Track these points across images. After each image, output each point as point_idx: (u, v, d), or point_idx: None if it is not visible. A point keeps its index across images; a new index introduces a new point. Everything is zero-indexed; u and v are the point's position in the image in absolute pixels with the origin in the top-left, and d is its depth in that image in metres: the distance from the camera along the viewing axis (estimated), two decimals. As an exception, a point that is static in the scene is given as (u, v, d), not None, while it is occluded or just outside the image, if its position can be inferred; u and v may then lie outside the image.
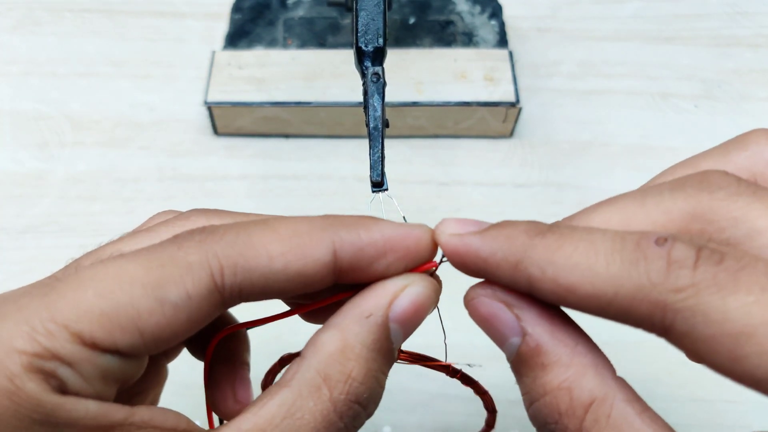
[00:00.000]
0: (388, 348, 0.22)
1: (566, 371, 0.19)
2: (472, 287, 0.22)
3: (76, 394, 0.19)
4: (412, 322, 0.22)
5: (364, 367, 0.21)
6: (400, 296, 0.22)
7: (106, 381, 0.19)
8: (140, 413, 0.20)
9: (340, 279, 0.22)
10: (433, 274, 0.23)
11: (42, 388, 0.18)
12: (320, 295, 0.23)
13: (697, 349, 0.17)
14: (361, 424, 0.22)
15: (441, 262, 0.23)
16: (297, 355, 0.25)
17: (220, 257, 0.20)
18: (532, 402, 0.20)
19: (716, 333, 0.17)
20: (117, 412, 0.19)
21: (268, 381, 0.28)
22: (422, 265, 0.22)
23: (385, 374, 0.22)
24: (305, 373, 0.21)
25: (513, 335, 0.20)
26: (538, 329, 0.20)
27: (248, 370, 0.28)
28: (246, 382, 0.27)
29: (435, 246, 0.22)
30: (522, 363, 0.20)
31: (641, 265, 0.18)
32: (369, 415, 0.22)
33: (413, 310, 0.22)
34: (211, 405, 0.26)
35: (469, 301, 0.22)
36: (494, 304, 0.21)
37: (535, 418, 0.20)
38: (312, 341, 0.22)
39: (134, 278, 0.19)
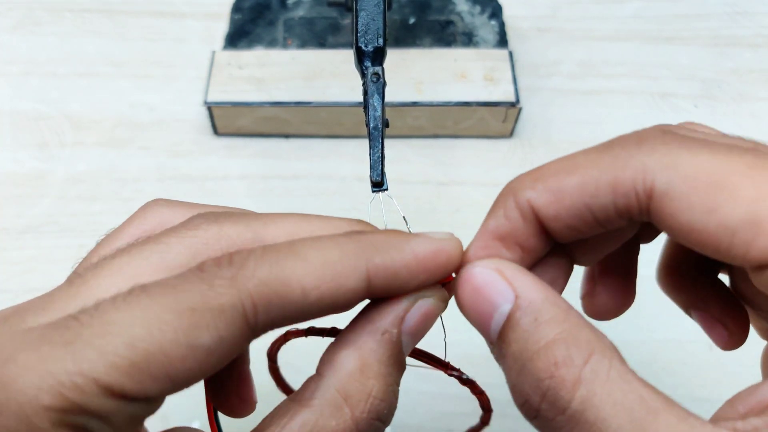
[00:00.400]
0: (402, 360, 0.22)
1: (561, 325, 0.19)
2: (469, 264, 0.22)
3: None
4: (422, 332, 0.22)
5: (384, 383, 0.21)
6: (411, 310, 0.22)
7: (134, 423, 0.19)
8: None
9: (371, 297, 0.22)
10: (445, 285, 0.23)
11: None
12: None
13: (676, 209, 0.19)
14: None
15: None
16: (302, 333, 0.24)
17: (253, 296, 0.19)
18: (523, 365, 0.19)
19: (691, 186, 0.19)
20: None
21: (273, 352, 0.28)
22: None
23: (399, 384, 0.22)
24: (325, 393, 0.21)
25: (505, 302, 0.20)
26: (531, 292, 0.20)
27: (248, 363, 0.28)
28: (247, 376, 0.27)
29: (462, 256, 0.22)
30: (512, 326, 0.20)
31: (615, 144, 0.21)
32: (387, 425, 0.22)
33: (424, 322, 0.22)
34: (213, 401, 0.26)
35: (462, 274, 0.22)
36: (489, 272, 0.21)
37: (526, 381, 0.19)
38: (328, 359, 0.21)
39: (164, 324, 0.18)
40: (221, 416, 0.26)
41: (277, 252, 0.20)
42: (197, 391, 0.30)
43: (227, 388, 0.27)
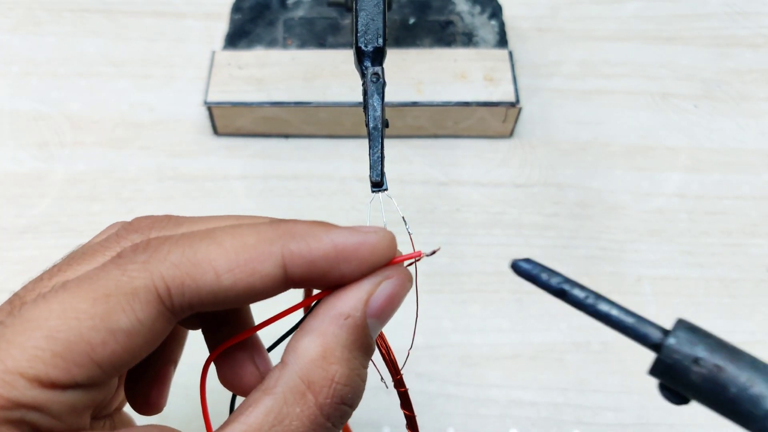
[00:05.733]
0: (368, 344, 0.22)
1: None
2: None
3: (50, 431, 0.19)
4: (388, 314, 0.22)
5: (347, 368, 0.21)
6: (375, 293, 0.22)
7: (76, 412, 0.19)
8: None
9: (295, 287, 0.21)
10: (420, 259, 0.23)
11: None
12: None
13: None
14: (349, 417, 0.22)
15: (432, 253, 0.23)
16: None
17: (165, 278, 0.20)
18: None
19: None
20: None
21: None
22: (406, 255, 0.23)
23: (366, 367, 0.22)
24: (288, 381, 0.21)
25: None
26: None
27: (171, 365, 0.28)
28: (164, 379, 0.27)
29: (394, 249, 0.22)
30: None
31: None
32: (354, 408, 0.22)
33: (390, 304, 0.22)
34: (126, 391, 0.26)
35: None
36: None
37: None
38: (292, 347, 0.21)
39: (81, 312, 0.19)
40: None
41: (192, 237, 0.21)
42: (196, 392, 0.30)
43: (142, 382, 0.27)
